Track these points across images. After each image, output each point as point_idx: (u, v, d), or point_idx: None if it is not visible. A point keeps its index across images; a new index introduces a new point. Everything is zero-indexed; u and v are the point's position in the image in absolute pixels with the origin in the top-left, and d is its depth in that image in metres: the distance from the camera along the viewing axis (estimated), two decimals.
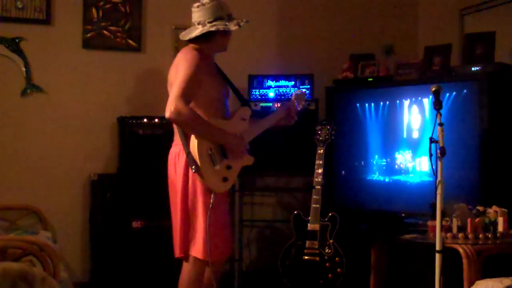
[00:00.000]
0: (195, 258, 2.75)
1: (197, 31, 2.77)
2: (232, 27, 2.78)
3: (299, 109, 3.17)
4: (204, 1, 2.78)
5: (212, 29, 2.74)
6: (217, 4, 2.77)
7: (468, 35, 3.99)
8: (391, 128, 3.92)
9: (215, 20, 2.75)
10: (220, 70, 3.00)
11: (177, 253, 2.83)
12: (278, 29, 4.64)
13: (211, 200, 2.66)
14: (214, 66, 2.91)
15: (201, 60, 2.68)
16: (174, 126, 2.76)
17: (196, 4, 2.80)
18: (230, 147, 2.75)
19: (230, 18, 2.82)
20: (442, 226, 2.60)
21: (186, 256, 2.80)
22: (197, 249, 2.72)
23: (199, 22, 2.77)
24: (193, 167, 2.61)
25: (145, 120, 3.96)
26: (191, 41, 2.81)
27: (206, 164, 2.64)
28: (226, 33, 2.82)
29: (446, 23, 4.59)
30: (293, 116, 3.11)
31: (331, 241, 3.53)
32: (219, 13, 2.76)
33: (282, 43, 4.64)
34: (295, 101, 3.15)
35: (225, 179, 2.74)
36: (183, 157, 2.70)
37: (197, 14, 2.78)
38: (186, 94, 2.56)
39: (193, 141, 2.62)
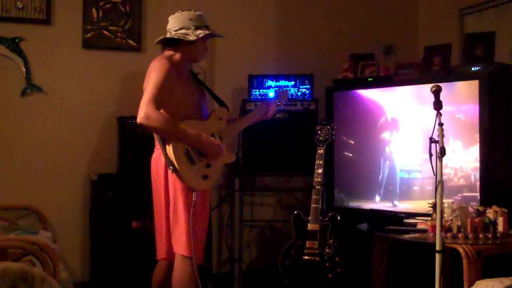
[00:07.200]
0: (182, 256, 2.83)
1: (161, 37, 2.97)
2: (191, 37, 2.89)
3: (281, 107, 3.36)
4: (177, 12, 2.95)
5: (169, 36, 2.92)
6: (186, 15, 2.93)
7: (468, 35, 3.99)
8: (390, 128, 3.92)
9: (180, 29, 2.90)
10: (196, 76, 3.19)
11: (161, 254, 3.00)
12: (278, 29, 4.64)
13: (193, 198, 2.79)
14: (187, 73, 3.05)
15: (170, 67, 2.83)
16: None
17: (172, 15, 2.97)
18: (202, 147, 2.86)
19: (197, 28, 2.91)
20: (442, 226, 2.60)
21: (169, 257, 2.94)
22: (181, 247, 2.83)
23: (167, 30, 2.94)
24: (171, 167, 2.76)
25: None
26: (164, 48, 3.00)
27: (184, 164, 2.77)
28: (191, 43, 2.91)
29: (446, 23, 4.59)
30: (269, 113, 3.27)
31: (331, 241, 3.53)
32: (186, 23, 2.91)
33: (282, 43, 4.64)
34: (276, 100, 3.34)
35: (205, 177, 2.87)
36: (162, 159, 2.83)
37: (169, 23, 2.96)
38: (156, 100, 2.71)
39: (169, 143, 2.77)
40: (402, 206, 3.80)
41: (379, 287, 3.67)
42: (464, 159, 3.51)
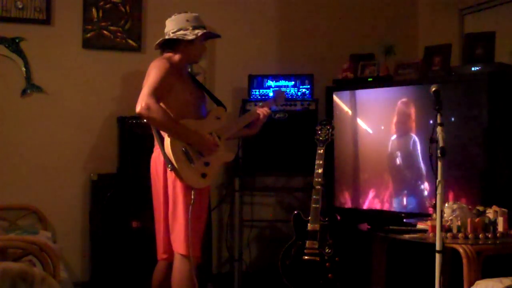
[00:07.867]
0: (181, 255, 2.85)
1: (160, 39, 2.99)
2: (190, 36, 2.91)
3: (277, 107, 3.36)
4: (173, 15, 2.98)
5: (167, 37, 2.94)
6: (183, 16, 2.96)
7: (468, 35, 3.99)
8: (390, 128, 3.92)
9: (178, 30, 2.93)
10: (194, 77, 3.23)
11: (161, 254, 3.01)
12: (278, 29, 4.64)
13: (192, 197, 2.79)
14: (185, 74, 3.09)
15: (170, 67, 2.86)
16: (153, 131, 2.89)
17: (169, 18, 3.00)
18: (197, 144, 2.87)
19: (195, 28, 2.94)
20: (442, 226, 2.60)
21: (169, 257, 2.95)
22: (180, 246, 2.85)
23: (166, 33, 2.97)
24: (169, 165, 2.77)
25: (145, 120, 3.95)
26: (162, 51, 3.03)
27: (182, 162, 2.78)
28: (190, 42, 2.94)
29: (446, 23, 4.59)
30: (262, 118, 3.22)
31: (331, 241, 3.53)
32: (183, 24, 2.94)
33: (282, 43, 4.64)
34: (271, 101, 3.33)
35: (203, 175, 2.88)
36: (161, 159, 2.84)
37: (166, 26, 2.98)
38: (156, 93, 2.74)
39: (167, 141, 2.78)
40: (402, 206, 3.79)
41: (379, 287, 3.67)
42: None
